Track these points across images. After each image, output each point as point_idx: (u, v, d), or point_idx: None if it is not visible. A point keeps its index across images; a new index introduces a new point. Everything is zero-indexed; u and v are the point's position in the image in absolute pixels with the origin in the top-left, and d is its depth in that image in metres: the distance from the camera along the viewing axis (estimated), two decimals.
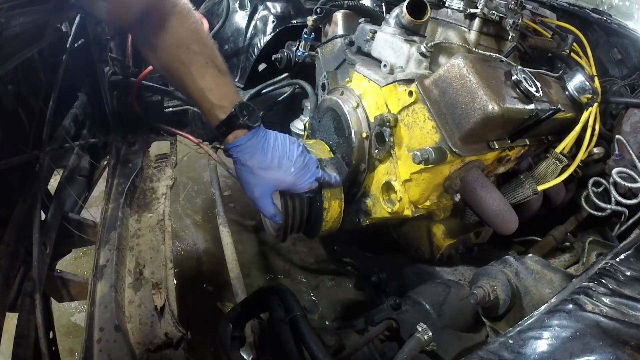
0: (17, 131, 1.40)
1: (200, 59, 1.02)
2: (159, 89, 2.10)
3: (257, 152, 1.03)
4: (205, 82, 1.02)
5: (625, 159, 1.38)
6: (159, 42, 1.01)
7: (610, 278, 0.80)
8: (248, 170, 1.04)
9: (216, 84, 1.03)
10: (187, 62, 1.01)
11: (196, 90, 1.03)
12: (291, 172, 1.06)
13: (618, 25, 1.75)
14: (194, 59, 1.01)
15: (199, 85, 1.02)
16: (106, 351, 1.10)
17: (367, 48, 1.34)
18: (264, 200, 1.07)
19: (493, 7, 1.28)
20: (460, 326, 1.10)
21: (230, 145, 1.03)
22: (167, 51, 1.01)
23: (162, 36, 1.00)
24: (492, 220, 1.14)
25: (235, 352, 1.02)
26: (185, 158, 3.12)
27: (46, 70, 1.60)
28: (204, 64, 1.02)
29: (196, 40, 1.02)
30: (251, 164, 1.03)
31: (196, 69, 1.01)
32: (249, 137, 1.02)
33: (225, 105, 1.02)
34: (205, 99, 1.03)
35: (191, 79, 1.02)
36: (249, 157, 1.03)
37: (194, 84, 1.02)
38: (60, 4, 1.23)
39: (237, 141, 1.02)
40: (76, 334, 2.15)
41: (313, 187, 1.12)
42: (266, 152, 1.03)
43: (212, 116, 1.04)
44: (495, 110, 1.01)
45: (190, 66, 1.01)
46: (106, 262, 1.38)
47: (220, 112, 1.02)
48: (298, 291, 2.43)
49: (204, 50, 1.03)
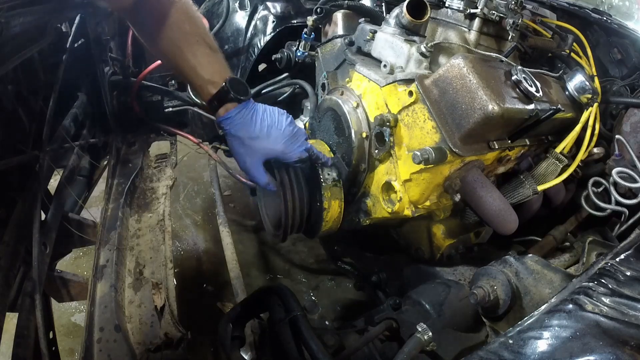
0: (17, 131, 1.40)
1: (191, 37, 1.06)
2: (159, 89, 2.10)
3: (247, 123, 1.08)
4: (197, 59, 1.06)
5: (625, 159, 1.38)
6: (153, 24, 1.05)
7: (610, 278, 0.80)
8: (239, 141, 1.09)
9: (207, 61, 1.07)
10: (179, 41, 1.05)
11: (188, 67, 1.07)
12: (280, 141, 1.10)
13: (618, 25, 1.75)
14: (185, 38, 1.05)
15: (191, 62, 1.06)
16: (106, 351, 1.10)
17: (367, 48, 1.34)
18: (255, 169, 1.12)
19: (493, 7, 1.28)
20: (460, 326, 1.10)
21: (222, 118, 1.08)
22: (161, 32, 1.05)
23: (156, 18, 1.04)
24: (492, 220, 1.14)
25: (235, 352, 1.02)
26: (185, 158, 3.12)
27: (46, 70, 1.60)
28: (195, 42, 1.06)
29: (187, 19, 1.06)
30: (241, 134, 1.08)
31: (188, 48, 1.05)
32: (239, 109, 1.07)
33: (216, 81, 1.07)
34: (197, 76, 1.07)
35: (183, 57, 1.06)
36: (239, 128, 1.08)
37: (186, 62, 1.06)
38: (60, 4, 1.23)
39: (227, 114, 1.07)
40: (76, 334, 2.15)
41: (302, 156, 1.17)
42: (255, 123, 1.08)
43: (204, 91, 1.08)
44: (495, 110, 1.01)
45: (182, 45, 1.05)
46: (106, 262, 1.38)
47: (212, 87, 1.07)
48: (298, 291, 2.43)
49: (195, 29, 1.07)
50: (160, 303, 1.26)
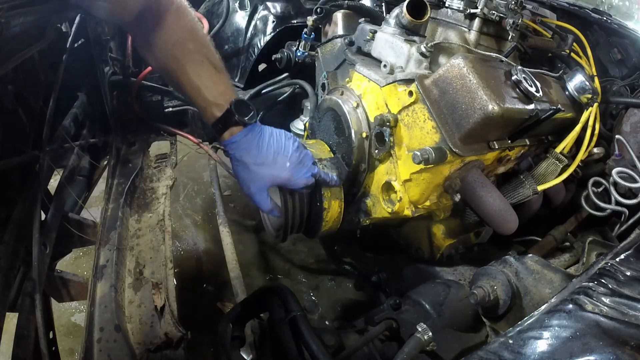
0: (17, 131, 1.40)
1: (196, 57, 1.02)
2: (159, 89, 2.10)
3: (253, 149, 1.04)
4: (201, 80, 1.03)
5: (625, 159, 1.38)
6: (155, 41, 1.02)
7: (610, 278, 0.80)
8: (244, 166, 1.05)
9: (212, 82, 1.03)
10: (182, 60, 1.02)
11: (192, 88, 1.03)
12: (286, 168, 1.07)
13: (618, 25, 1.75)
14: (189, 57, 1.02)
15: (195, 83, 1.02)
16: (106, 351, 1.10)
17: (367, 48, 1.34)
18: (260, 195, 1.08)
19: (493, 7, 1.28)
20: (460, 326, 1.10)
21: (226, 142, 1.05)
22: (164, 49, 1.02)
23: (158, 34, 1.01)
24: (492, 220, 1.14)
25: (235, 352, 1.02)
26: (185, 158, 3.12)
27: (46, 70, 1.60)
28: (199, 62, 1.02)
29: (192, 38, 1.03)
30: (247, 160, 1.04)
31: (192, 67, 1.02)
32: (245, 133, 1.03)
33: (221, 103, 1.03)
34: (201, 97, 1.04)
35: (187, 77, 1.02)
36: (244, 153, 1.04)
37: (190, 82, 1.03)
38: (60, 4, 1.23)
39: (232, 138, 1.03)
40: (76, 334, 2.15)
41: (309, 183, 1.13)
42: (261, 148, 1.04)
43: (209, 114, 1.05)
44: (495, 110, 1.01)
45: (186, 64, 1.02)
46: (106, 262, 1.38)
47: (216, 110, 1.03)
48: (298, 291, 2.43)
49: (200, 48, 1.04)
50: (160, 303, 1.26)
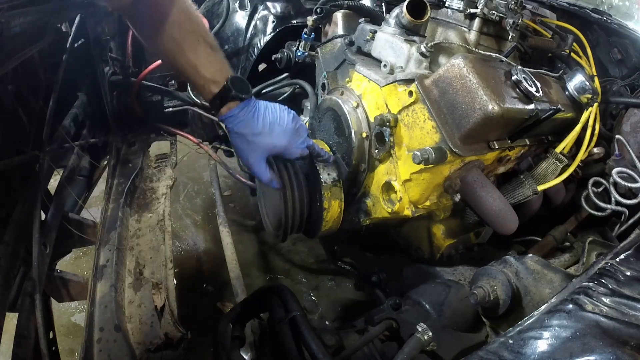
0: (17, 131, 1.40)
1: (192, 36, 1.06)
2: (159, 89, 2.10)
3: (249, 120, 1.08)
4: (199, 58, 1.06)
5: (625, 159, 1.38)
6: (152, 23, 1.05)
7: (610, 278, 0.80)
8: (242, 138, 1.09)
9: (209, 60, 1.07)
10: (179, 40, 1.05)
11: (190, 66, 1.07)
12: (283, 136, 1.11)
13: (618, 25, 1.75)
14: (186, 37, 1.05)
15: (192, 62, 1.06)
16: (106, 351, 1.10)
17: (367, 48, 1.34)
18: (258, 165, 1.12)
19: (493, 7, 1.28)
20: (460, 326, 1.11)
21: (224, 117, 1.09)
22: (161, 31, 1.05)
23: (155, 17, 1.04)
24: (492, 220, 1.14)
25: (235, 352, 1.02)
26: (185, 158, 3.12)
27: (46, 70, 1.60)
28: (195, 41, 1.06)
29: (188, 19, 1.06)
30: (244, 131, 1.08)
31: (189, 47, 1.05)
32: (241, 107, 1.07)
33: (218, 80, 1.07)
34: (199, 75, 1.07)
35: (184, 56, 1.06)
36: (242, 125, 1.08)
37: (188, 61, 1.06)
38: (60, 4, 1.23)
39: (230, 112, 1.07)
40: (76, 334, 2.15)
41: (304, 153, 1.18)
42: (258, 120, 1.09)
43: (206, 91, 1.08)
44: (495, 110, 1.01)
45: (183, 44, 1.05)
46: (106, 262, 1.38)
47: (214, 87, 1.07)
48: (298, 291, 2.43)
49: (196, 28, 1.07)
50: (160, 303, 1.26)
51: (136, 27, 1.11)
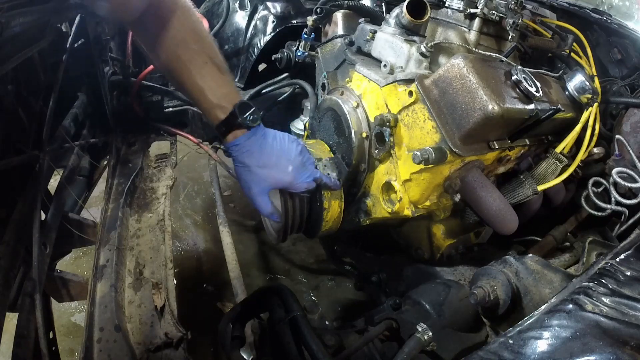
0: (17, 131, 1.40)
1: (199, 58, 1.01)
2: (159, 89, 2.10)
3: (255, 151, 1.03)
4: (205, 81, 1.01)
5: (625, 159, 1.37)
6: (159, 41, 1.00)
7: (610, 278, 0.80)
8: (246, 168, 1.04)
9: (216, 84, 1.02)
10: (186, 61, 1.00)
11: (195, 89, 1.02)
12: (289, 171, 1.06)
13: (618, 25, 1.75)
14: (193, 58, 1.01)
15: (199, 84, 1.01)
16: (106, 351, 1.10)
17: (367, 48, 1.34)
18: (261, 198, 1.07)
19: (493, 7, 1.28)
20: (460, 326, 1.10)
21: (230, 145, 1.04)
22: (167, 50, 1.01)
23: (162, 35, 0.99)
24: (492, 221, 1.14)
25: (235, 352, 1.02)
26: (185, 158, 3.12)
27: (46, 70, 1.60)
28: (203, 63, 1.01)
29: (196, 39, 1.02)
30: (249, 162, 1.03)
31: (195, 68, 1.00)
32: (248, 136, 1.02)
33: (224, 105, 1.02)
34: (205, 99, 1.02)
35: (190, 78, 1.01)
36: (247, 155, 1.03)
37: (194, 84, 1.01)
38: (60, 4, 1.23)
39: (235, 140, 1.02)
40: (76, 334, 2.15)
41: (310, 187, 1.12)
42: (264, 151, 1.03)
43: (212, 116, 1.04)
44: (495, 110, 1.01)
45: (190, 65, 1.00)
46: (106, 262, 1.38)
47: (220, 112, 1.02)
48: (298, 291, 2.43)
49: (204, 49, 1.02)
50: (160, 303, 1.26)
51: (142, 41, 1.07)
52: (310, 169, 1.11)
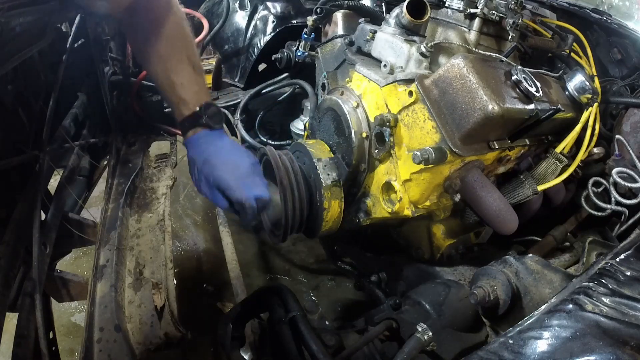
0: (17, 131, 1.40)
1: (178, 55, 1.06)
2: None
3: (208, 150, 1.05)
4: (178, 77, 1.06)
5: (625, 159, 1.37)
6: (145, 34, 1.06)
7: (610, 278, 0.80)
8: (194, 165, 1.06)
9: (188, 81, 1.06)
10: (165, 55, 1.06)
11: (168, 83, 1.07)
12: (233, 175, 1.02)
13: (618, 25, 1.75)
14: (172, 53, 1.06)
15: (171, 79, 1.06)
16: (106, 351, 1.10)
17: (367, 48, 1.34)
18: (212, 194, 1.05)
19: (493, 7, 1.28)
20: (460, 326, 1.10)
21: (187, 140, 1.07)
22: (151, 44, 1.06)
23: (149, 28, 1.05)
24: (492, 221, 1.14)
25: (235, 352, 1.02)
26: (185, 158, 3.12)
27: (46, 70, 1.60)
28: (179, 59, 1.06)
29: (179, 36, 1.08)
30: (199, 158, 1.05)
31: (172, 64, 1.06)
32: (206, 134, 1.06)
33: (191, 103, 1.06)
34: (174, 93, 1.07)
35: (165, 72, 1.06)
36: (199, 152, 1.05)
37: (167, 78, 1.06)
38: (60, 4, 1.23)
39: (194, 136, 1.06)
40: (76, 334, 2.15)
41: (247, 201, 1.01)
42: (217, 150, 1.05)
43: (178, 111, 1.08)
44: (495, 110, 1.01)
45: (167, 60, 1.06)
46: (106, 262, 1.38)
47: (185, 109, 1.06)
48: (298, 291, 2.42)
49: (184, 46, 1.08)
50: (160, 303, 1.26)
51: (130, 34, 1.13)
52: (257, 186, 1.04)
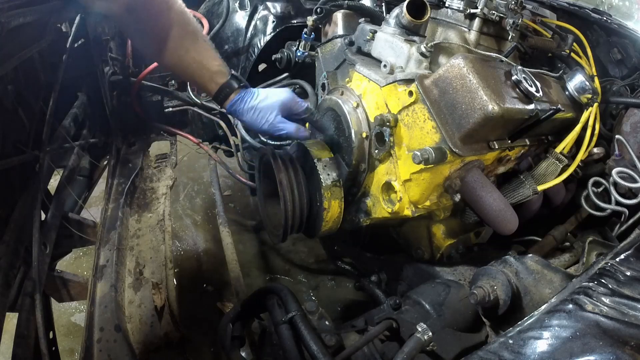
0: (17, 131, 1.40)
1: (191, 36, 1.17)
2: (159, 89, 2.09)
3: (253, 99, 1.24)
4: (201, 54, 1.18)
5: (625, 159, 1.37)
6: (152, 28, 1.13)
7: (610, 278, 0.80)
8: (250, 112, 1.24)
9: (210, 55, 1.20)
10: (181, 40, 1.15)
11: (195, 63, 1.18)
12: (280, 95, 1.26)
13: (618, 25, 1.75)
14: (186, 36, 1.16)
15: (197, 58, 1.18)
16: (106, 351, 1.10)
17: (367, 48, 1.34)
18: (280, 122, 1.25)
19: (493, 7, 1.28)
20: (460, 326, 1.10)
21: (232, 102, 1.23)
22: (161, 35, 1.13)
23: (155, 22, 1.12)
24: (492, 221, 1.14)
25: (235, 352, 1.02)
26: (185, 158, 3.12)
27: (46, 70, 1.60)
28: (196, 39, 1.17)
29: (185, 20, 1.16)
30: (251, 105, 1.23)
31: (191, 45, 1.16)
32: (243, 91, 1.24)
33: (223, 71, 1.22)
34: (205, 69, 1.20)
35: (189, 54, 1.17)
36: (245, 104, 1.23)
37: (192, 58, 1.17)
38: (60, 4, 1.23)
39: (237, 96, 1.23)
40: (76, 334, 2.15)
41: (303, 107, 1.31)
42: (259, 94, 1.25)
43: (213, 82, 1.21)
44: (495, 110, 1.01)
45: (186, 43, 1.16)
46: (106, 262, 1.38)
47: (220, 77, 1.21)
48: (298, 291, 2.43)
49: (194, 27, 1.18)
50: (160, 303, 1.26)
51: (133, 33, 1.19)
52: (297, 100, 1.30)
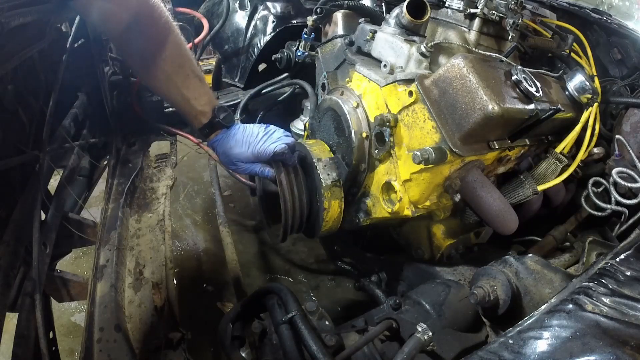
0: (17, 131, 1.40)
1: (183, 71, 1.16)
2: None
3: (229, 141, 1.23)
4: (189, 92, 1.18)
5: (625, 159, 1.38)
6: (145, 56, 1.12)
7: (610, 278, 0.80)
8: (226, 154, 1.23)
9: (199, 93, 1.20)
10: (172, 74, 1.15)
11: (182, 100, 1.19)
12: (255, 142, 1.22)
13: (618, 25, 1.75)
14: (178, 71, 1.16)
15: (185, 95, 1.18)
16: (106, 351, 1.10)
17: (367, 48, 1.34)
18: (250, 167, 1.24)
19: (493, 7, 1.28)
20: (460, 326, 1.10)
21: (212, 141, 1.25)
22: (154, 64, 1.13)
23: (149, 50, 1.11)
24: (492, 220, 1.14)
25: (235, 352, 1.02)
26: (185, 158, 3.12)
27: (46, 70, 1.60)
28: (186, 75, 1.17)
29: (179, 53, 1.16)
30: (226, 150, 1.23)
31: (181, 81, 1.16)
32: (225, 131, 1.23)
33: (207, 111, 1.22)
34: (190, 107, 1.20)
35: (177, 90, 1.17)
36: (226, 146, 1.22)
37: (180, 95, 1.18)
38: (60, 4, 1.23)
39: (216, 137, 1.24)
40: (76, 334, 2.15)
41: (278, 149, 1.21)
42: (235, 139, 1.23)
43: (197, 121, 1.23)
44: (495, 110, 1.01)
45: (176, 78, 1.16)
46: (106, 262, 1.38)
47: (203, 117, 1.22)
48: (298, 291, 2.42)
49: (186, 62, 1.17)
50: (160, 303, 1.26)
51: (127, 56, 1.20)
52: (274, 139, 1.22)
